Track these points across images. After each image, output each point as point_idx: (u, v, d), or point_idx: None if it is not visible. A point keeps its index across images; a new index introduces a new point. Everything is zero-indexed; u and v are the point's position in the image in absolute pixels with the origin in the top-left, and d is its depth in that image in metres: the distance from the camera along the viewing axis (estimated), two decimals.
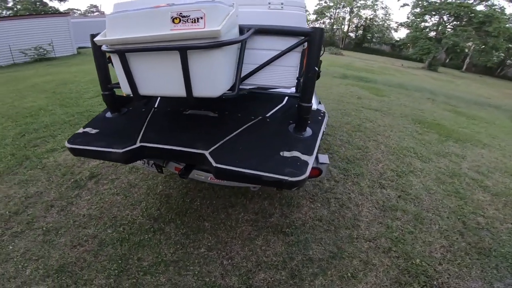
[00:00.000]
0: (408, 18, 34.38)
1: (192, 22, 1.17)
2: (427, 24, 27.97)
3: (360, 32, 42.55)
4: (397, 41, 39.26)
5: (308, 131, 1.67)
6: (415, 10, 29.11)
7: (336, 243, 2.21)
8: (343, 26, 42.16)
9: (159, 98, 2.19)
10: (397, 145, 4.15)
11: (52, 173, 3.04)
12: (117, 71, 1.45)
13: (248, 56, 1.52)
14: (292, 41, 1.46)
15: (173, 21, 1.18)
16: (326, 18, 42.72)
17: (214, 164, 1.41)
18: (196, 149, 1.52)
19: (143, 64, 1.37)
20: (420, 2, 27.34)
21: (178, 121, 1.90)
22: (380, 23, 40.02)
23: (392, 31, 40.61)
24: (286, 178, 1.27)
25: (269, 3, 1.48)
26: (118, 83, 1.80)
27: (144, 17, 1.24)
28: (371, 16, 40.78)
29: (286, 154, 1.44)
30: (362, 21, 41.51)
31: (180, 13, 1.16)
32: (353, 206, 2.70)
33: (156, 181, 2.91)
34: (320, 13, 41.65)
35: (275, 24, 1.46)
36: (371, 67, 16.45)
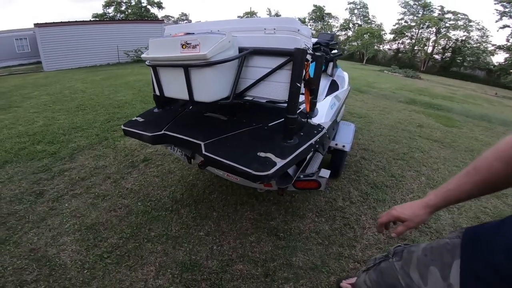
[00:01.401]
0: (508, 40, 29.14)
1: (192, 47, 1.62)
2: None
3: (448, 54, 37.32)
4: (494, 66, 33.08)
5: (294, 141, 1.82)
6: None
7: (322, 257, 2.22)
8: (426, 47, 37.82)
9: None
10: (443, 179, 3.69)
11: (118, 153, 3.85)
12: (153, 79, 1.98)
13: (249, 72, 1.87)
14: (280, 60, 1.71)
15: (182, 47, 1.66)
16: (406, 38, 39.16)
17: (203, 151, 1.76)
18: (196, 140, 1.91)
19: (166, 75, 1.89)
20: None
21: (197, 119, 2.32)
22: (475, 45, 34.40)
23: (490, 55, 34.36)
24: (250, 171, 1.49)
25: (265, 29, 1.76)
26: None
27: (166, 42, 1.77)
28: (463, 38, 35.41)
29: (262, 154, 1.65)
30: (451, 43, 36.56)
31: (186, 41, 1.64)
32: (358, 227, 2.62)
33: (189, 172, 3.38)
34: (399, 32, 38.38)
35: (270, 46, 1.75)
36: (453, 94, 14.29)
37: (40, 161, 3.63)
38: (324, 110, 2.52)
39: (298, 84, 1.66)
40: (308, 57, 1.73)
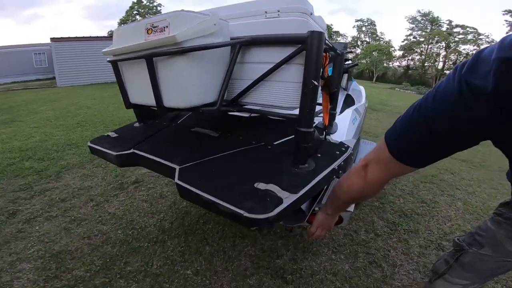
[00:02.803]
0: None
1: (160, 31, 1.18)
2: None
3: None
4: None
5: (309, 165, 1.31)
6: None
7: None
8: (436, 63, 36.67)
9: (187, 114, 2.28)
10: (482, 204, 3.16)
11: (108, 173, 3.47)
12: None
13: (246, 71, 1.43)
14: (288, 51, 1.27)
15: (147, 32, 1.22)
16: (416, 54, 38.39)
17: (175, 179, 1.30)
18: (171, 163, 1.45)
19: (129, 73, 1.45)
20: None
21: (180, 136, 1.90)
22: None
23: None
24: (241, 212, 0.99)
25: (266, 12, 1.36)
26: None
27: (131, 29, 1.33)
28: (474, 52, 33.96)
29: (261, 186, 1.15)
30: (462, 57, 34.92)
31: (152, 24, 1.20)
32: (388, 266, 2.08)
33: (182, 199, 2.93)
34: (408, 48, 37.72)
35: (272, 33, 1.33)
36: None
37: (24, 178, 3.28)
38: (346, 125, 2.08)
39: (315, 83, 1.18)
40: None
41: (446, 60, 36.42)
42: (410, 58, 39.50)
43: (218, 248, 2.20)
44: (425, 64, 37.51)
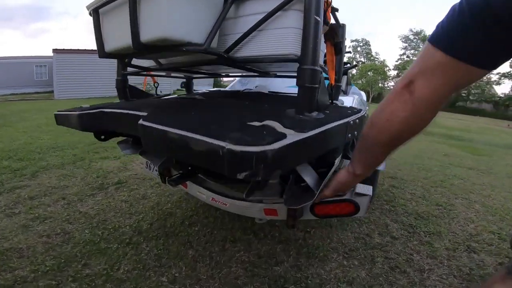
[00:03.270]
0: (511, 66, 27.75)
1: None
2: None
3: None
4: (500, 97, 31.19)
5: (318, 115, 1.04)
6: None
7: None
8: None
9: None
10: (501, 206, 2.86)
11: (90, 174, 3.11)
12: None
13: (240, 25, 1.18)
14: None
15: None
16: None
17: (140, 121, 0.97)
18: (139, 112, 1.14)
19: (108, 19, 1.24)
20: None
21: (161, 102, 1.61)
22: None
23: (494, 85, 32.41)
24: (222, 145, 0.66)
25: None
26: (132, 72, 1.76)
27: None
28: None
29: (255, 123, 0.86)
30: None
31: None
32: (414, 271, 1.67)
33: (169, 199, 2.54)
34: (402, 68, 37.28)
35: None
36: (467, 127, 13.48)
37: None
38: (352, 102, 1.81)
39: (317, 18, 0.95)
40: None
41: None
42: None
43: (203, 253, 1.78)
44: None
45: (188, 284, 1.51)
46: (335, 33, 1.17)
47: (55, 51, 14.83)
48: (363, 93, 3.64)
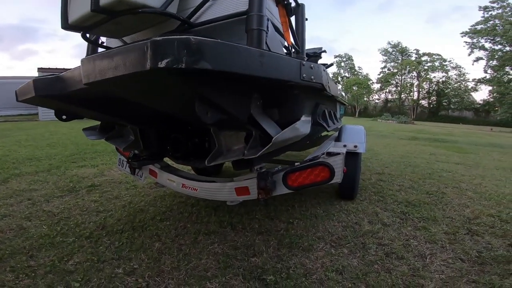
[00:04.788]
0: (485, 72, 27.68)
1: None
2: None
3: (434, 98, 35.31)
4: (479, 104, 31.09)
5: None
6: (491, 62, 24.15)
7: None
8: (412, 93, 36.25)
9: None
10: (495, 191, 2.73)
11: (63, 179, 2.90)
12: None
13: None
14: None
15: None
16: (392, 86, 38.12)
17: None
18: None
19: None
20: (495, 54, 23.03)
21: None
22: (455, 85, 33.15)
23: (472, 93, 32.36)
24: (148, 41, 0.63)
25: None
26: None
27: None
28: (443, 79, 33.99)
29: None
30: (434, 85, 35.05)
31: None
32: (414, 256, 1.48)
33: (142, 199, 2.33)
34: (384, 81, 37.60)
35: None
36: (450, 132, 13.35)
37: None
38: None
39: None
40: None
41: (420, 90, 36.69)
42: (387, 90, 39.73)
43: (171, 245, 1.57)
44: (402, 96, 37.70)
45: (147, 276, 1.29)
46: None
47: (40, 69, 14.57)
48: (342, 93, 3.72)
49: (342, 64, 43.46)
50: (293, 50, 1.57)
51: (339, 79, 42.46)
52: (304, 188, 1.35)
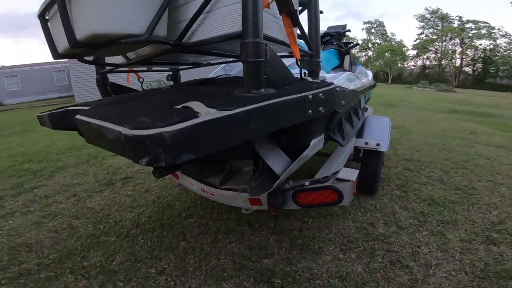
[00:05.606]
0: None
1: None
2: None
3: (479, 65, 32.59)
4: None
5: (267, 91, 0.96)
6: None
7: None
8: (454, 60, 33.84)
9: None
10: None
11: (101, 171, 3.25)
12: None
13: (190, 10, 1.10)
14: None
15: None
16: (431, 52, 35.93)
17: (76, 116, 1.01)
18: (85, 106, 1.20)
19: (54, 21, 1.18)
20: None
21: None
22: (505, 53, 30.43)
23: None
24: (121, 129, 0.65)
25: None
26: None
27: None
28: (490, 46, 31.12)
29: (179, 105, 0.82)
30: (480, 53, 32.27)
31: None
32: (418, 266, 1.55)
33: (170, 192, 2.59)
34: (421, 47, 35.48)
35: None
36: (496, 103, 12.13)
37: (19, 178, 3.15)
38: (337, 80, 1.70)
39: None
40: None
41: (464, 57, 34.20)
42: (425, 57, 37.59)
43: (194, 244, 1.80)
44: (442, 62, 35.39)
45: (175, 275, 1.53)
46: (287, 1, 1.07)
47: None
48: (369, 72, 3.49)
49: (373, 30, 40.85)
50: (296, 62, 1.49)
51: (370, 45, 39.98)
52: (314, 207, 1.45)
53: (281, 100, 0.90)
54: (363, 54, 41.11)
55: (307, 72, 1.42)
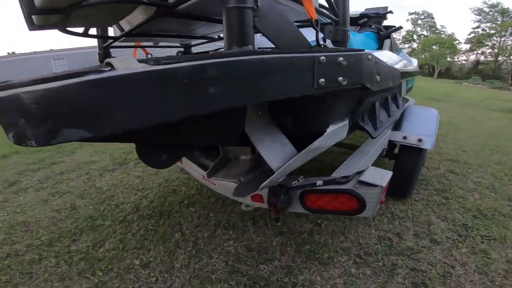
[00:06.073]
0: None
1: None
2: None
3: None
4: None
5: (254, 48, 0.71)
6: None
7: None
8: None
9: None
10: None
11: (117, 150, 3.22)
12: None
13: None
14: None
15: None
16: (486, 47, 32.06)
17: None
18: None
19: None
20: None
21: None
22: None
23: None
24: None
25: None
26: None
27: None
28: None
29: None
30: None
31: None
32: None
33: (178, 176, 2.44)
34: (476, 42, 31.81)
35: None
36: None
37: (43, 153, 3.26)
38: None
39: None
40: None
41: None
42: (479, 52, 33.69)
43: (189, 238, 1.61)
44: (499, 58, 31.43)
45: (159, 271, 1.36)
46: None
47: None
48: (414, 60, 3.08)
49: (419, 21, 37.74)
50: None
51: (415, 37, 37.10)
52: (325, 213, 1.16)
53: (267, 57, 0.62)
54: (407, 46, 37.95)
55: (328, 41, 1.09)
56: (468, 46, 34.01)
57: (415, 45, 37.64)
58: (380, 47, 2.36)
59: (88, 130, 0.43)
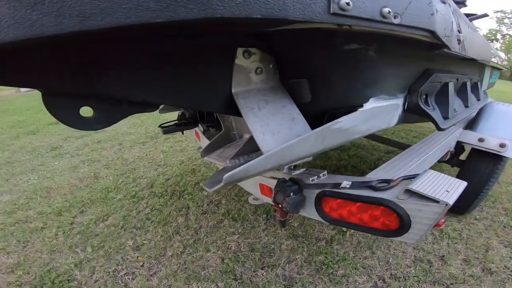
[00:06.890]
0: None
1: None
2: None
3: None
4: None
5: None
6: None
7: None
8: None
9: None
10: None
11: (153, 125, 3.24)
12: None
13: None
14: None
15: None
16: None
17: None
18: None
19: None
20: None
21: None
22: None
23: None
24: None
25: None
26: None
27: None
28: None
29: None
30: None
31: None
32: None
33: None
34: None
35: None
36: None
37: None
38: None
39: None
40: None
41: None
42: None
43: (192, 224, 1.46)
44: None
45: (148, 255, 1.24)
46: None
47: None
48: (501, 53, 2.36)
49: (506, 20, 32.16)
50: None
51: (498, 36, 31.91)
52: (346, 227, 0.84)
53: None
54: None
55: None
56: None
57: (498, 45, 32.39)
58: None
59: None
